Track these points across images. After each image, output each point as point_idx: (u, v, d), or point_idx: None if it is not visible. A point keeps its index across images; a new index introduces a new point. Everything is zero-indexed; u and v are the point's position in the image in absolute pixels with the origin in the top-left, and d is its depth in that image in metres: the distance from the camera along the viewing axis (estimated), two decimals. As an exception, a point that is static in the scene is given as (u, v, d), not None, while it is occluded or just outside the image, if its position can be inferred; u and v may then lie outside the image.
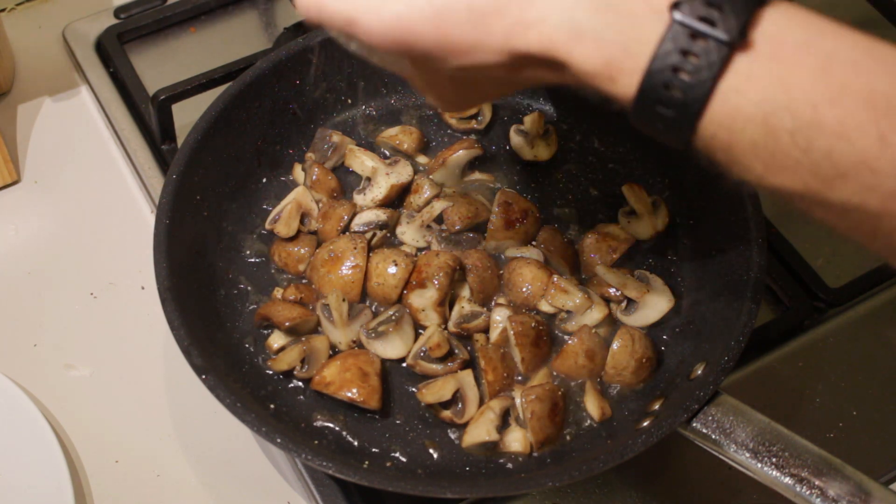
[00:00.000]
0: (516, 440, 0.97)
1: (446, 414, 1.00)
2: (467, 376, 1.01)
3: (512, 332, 1.02)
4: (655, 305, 1.06)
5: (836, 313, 1.16)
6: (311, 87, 1.19)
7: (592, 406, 1.00)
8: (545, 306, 1.07)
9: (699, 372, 0.97)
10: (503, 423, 0.99)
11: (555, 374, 1.03)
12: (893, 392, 1.11)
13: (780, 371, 1.12)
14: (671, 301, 1.06)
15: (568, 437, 1.00)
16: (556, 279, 1.06)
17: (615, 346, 1.02)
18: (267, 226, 1.12)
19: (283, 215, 1.11)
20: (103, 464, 1.06)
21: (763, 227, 1.03)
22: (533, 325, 1.03)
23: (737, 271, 1.02)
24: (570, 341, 1.02)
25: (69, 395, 1.10)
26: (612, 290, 1.07)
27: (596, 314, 1.05)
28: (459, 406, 1.00)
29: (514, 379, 1.03)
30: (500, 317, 1.05)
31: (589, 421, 1.01)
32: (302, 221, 1.12)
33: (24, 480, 1.02)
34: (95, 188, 1.26)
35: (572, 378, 1.03)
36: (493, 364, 1.01)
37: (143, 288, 1.17)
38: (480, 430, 0.97)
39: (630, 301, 1.06)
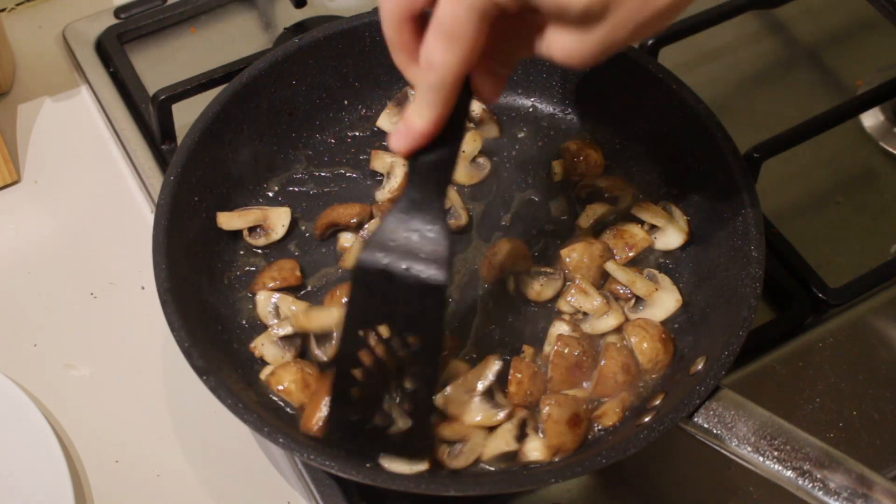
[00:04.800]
0: (535, 449, 0.96)
1: None
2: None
3: (553, 350, 1.01)
4: (663, 304, 1.06)
5: (836, 313, 1.16)
6: (308, 87, 1.19)
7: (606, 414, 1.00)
8: (564, 305, 1.07)
9: (699, 367, 0.97)
10: (521, 433, 0.98)
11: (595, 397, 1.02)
12: (893, 392, 1.11)
13: (780, 371, 1.12)
14: (679, 301, 1.06)
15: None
16: (578, 280, 1.06)
17: (633, 340, 1.02)
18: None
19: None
20: (103, 464, 1.06)
21: (762, 223, 1.03)
22: (577, 352, 1.01)
23: (736, 267, 1.02)
24: (602, 363, 1.01)
25: (69, 395, 1.10)
26: (620, 288, 1.07)
27: (611, 320, 1.05)
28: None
29: (537, 398, 1.01)
30: (555, 332, 1.05)
31: None
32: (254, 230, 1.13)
33: (24, 480, 1.02)
34: (95, 188, 1.26)
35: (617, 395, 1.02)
36: (520, 378, 1.00)
37: (143, 288, 1.17)
38: (499, 442, 0.97)
39: (638, 299, 1.06)
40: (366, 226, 1.13)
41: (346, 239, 1.13)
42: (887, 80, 1.27)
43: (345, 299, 1.03)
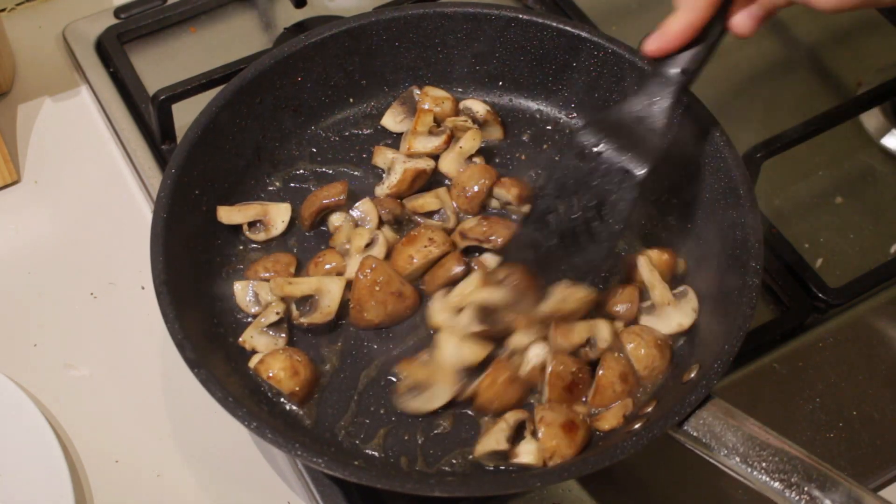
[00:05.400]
0: (528, 452, 0.96)
1: None
2: None
3: (549, 370, 1.00)
4: (670, 319, 1.05)
5: (836, 313, 1.16)
6: (314, 84, 1.19)
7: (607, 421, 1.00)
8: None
9: (692, 375, 0.97)
10: (518, 435, 0.98)
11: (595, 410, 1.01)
12: (893, 392, 1.11)
13: (780, 371, 1.12)
14: (683, 326, 1.05)
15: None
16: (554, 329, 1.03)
17: (629, 347, 1.02)
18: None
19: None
20: (103, 464, 1.06)
21: (761, 234, 1.02)
22: (574, 369, 1.00)
23: (734, 276, 1.02)
24: (599, 373, 1.00)
25: (69, 395, 1.10)
26: (620, 308, 1.05)
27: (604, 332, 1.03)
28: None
29: (506, 407, 1.01)
30: (536, 353, 1.02)
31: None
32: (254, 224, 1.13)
33: (24, 480, 1.02)
34: (95, 188, 1.26)
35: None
36: (494, 380, 1.00)
37: (143, 288, 1.17)
38: (490, 440, 0.97)
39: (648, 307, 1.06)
40: (356, 204, 1.13)
41: (337, 218, 1.13)
42: (887, 80, 1.27)
43: (328, 265, 1.08)
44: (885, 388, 1.11)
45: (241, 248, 1.13)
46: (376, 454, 0.99)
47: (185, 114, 1.24)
